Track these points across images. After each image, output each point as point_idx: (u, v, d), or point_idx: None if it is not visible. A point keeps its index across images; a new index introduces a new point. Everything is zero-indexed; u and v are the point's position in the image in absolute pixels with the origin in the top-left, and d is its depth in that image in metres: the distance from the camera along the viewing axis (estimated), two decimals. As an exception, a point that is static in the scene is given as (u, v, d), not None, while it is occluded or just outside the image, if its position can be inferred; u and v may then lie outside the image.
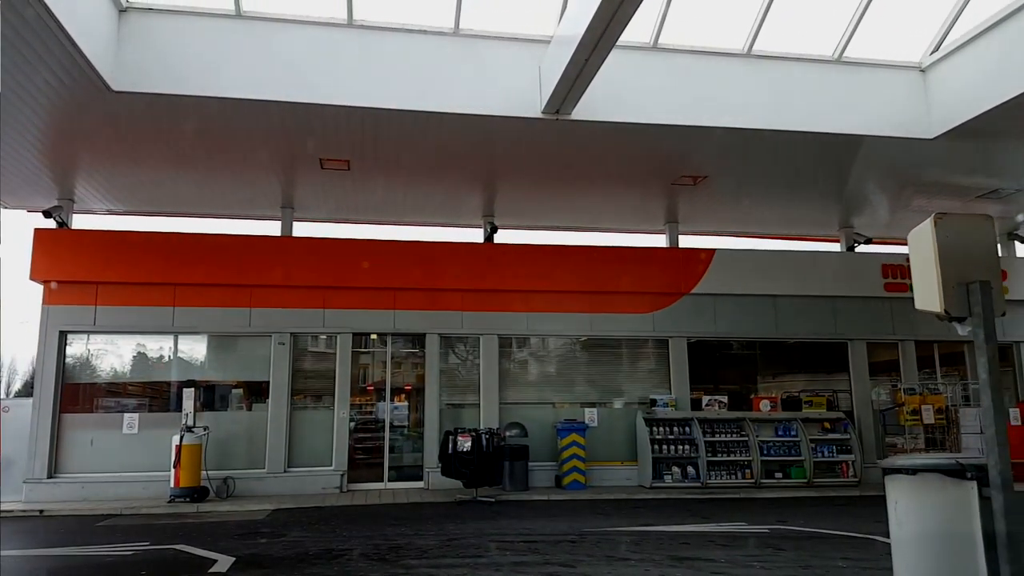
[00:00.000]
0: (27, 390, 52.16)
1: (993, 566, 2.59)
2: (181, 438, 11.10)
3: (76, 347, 12.21)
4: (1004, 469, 2.55)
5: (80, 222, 12.78)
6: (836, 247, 15.19)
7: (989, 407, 2.60)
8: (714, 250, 14.06)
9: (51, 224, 12.16)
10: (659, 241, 14.78)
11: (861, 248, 14.87)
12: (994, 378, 2.61)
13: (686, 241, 14.65)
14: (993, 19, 9.13)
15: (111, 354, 12.41)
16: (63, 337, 12.00)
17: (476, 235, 13.94)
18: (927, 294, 2.81)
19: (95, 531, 9.11)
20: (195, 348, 12.71)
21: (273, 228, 13.29)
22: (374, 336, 13.20)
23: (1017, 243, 15.24)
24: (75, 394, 12.09)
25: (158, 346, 12.61)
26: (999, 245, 14.94)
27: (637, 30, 8.97)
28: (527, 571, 6.37)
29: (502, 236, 13.78)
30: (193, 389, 11.87)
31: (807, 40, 9.86)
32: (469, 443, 11.42)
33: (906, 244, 12.24)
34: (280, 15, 8.86)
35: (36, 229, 12.03)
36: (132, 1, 8.51)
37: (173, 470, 11.03)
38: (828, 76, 10.05)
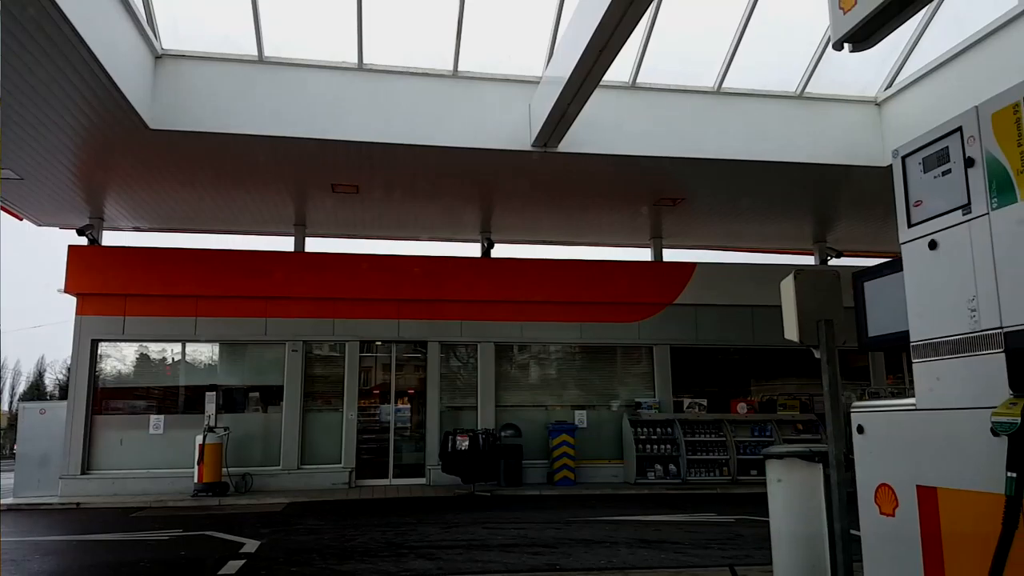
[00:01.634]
0: (32, 392, 53.47)
1: (830, 527, 3.62)
2: (204, 438, 12.12)
3: (106, 354, 13.26)
4: (838, 455, 3.58)
5: (109, 238, 13.83)
6: (811, 260, 16.17)
7: (830, 411, 3.63)
8: (695, 264, 15.08)
9: (83, 241, 13.22)
10: (645, 255, 15.78)
11: (833, 262, 15.84)
12: (833, 389, 3.64)
13: (670, 255, 15.63)
14: (940, 59, 10.10)
15: (139, 360, 13.48)
16: (95, 345, 13.05)
17: (474, 250, 14.96)
18: (790, 327, 3.85)
19: (131, 520, 10.13)
20: (215, 355, 13.77)
21: (286, 244, 14.35)
22: (379, 343, 14.20)
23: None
24: (105, 397, 13.14)
25: (181, 353, 13.67)
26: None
27: (617, 71, 9.99)
28: (515, 551, 7.39)
29: (498, 251, 14.79)
30: (214, 393, 12.87)
31: (772, 78, 10.88)
32: (467, 443, 12.45)
33: (876, 256, 13.24)
34: (298, 60, 9.91)
35: (70, 246, 13.09)
36: (167, 48, 9.57)
37: (197, 467, 12.06)
38: (791, 111, 11.03)
